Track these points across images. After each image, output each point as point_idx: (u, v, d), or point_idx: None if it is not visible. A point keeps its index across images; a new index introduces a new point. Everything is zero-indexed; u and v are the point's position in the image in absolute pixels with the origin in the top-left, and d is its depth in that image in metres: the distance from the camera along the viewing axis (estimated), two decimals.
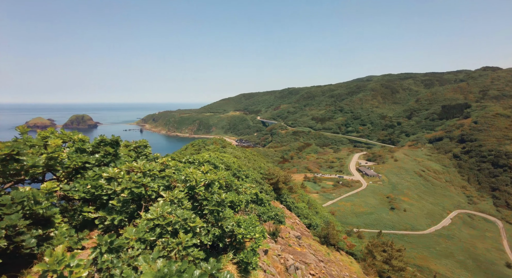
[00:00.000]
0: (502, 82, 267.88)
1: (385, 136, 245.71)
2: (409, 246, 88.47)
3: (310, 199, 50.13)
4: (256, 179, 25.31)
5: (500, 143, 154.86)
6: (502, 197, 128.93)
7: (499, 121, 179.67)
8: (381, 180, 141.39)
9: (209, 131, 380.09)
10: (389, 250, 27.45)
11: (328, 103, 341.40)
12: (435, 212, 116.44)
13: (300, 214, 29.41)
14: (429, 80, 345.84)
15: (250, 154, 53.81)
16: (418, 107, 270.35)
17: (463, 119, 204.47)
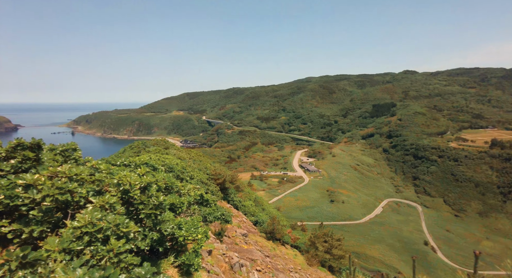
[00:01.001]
0: (419, 84, 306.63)
1: (324, 134, 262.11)
2: (347, 235, 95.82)
3: (257, 196, 51.06)
4: (202, 180, 24.91)
5: (419, 138, 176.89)
6: (421, 184, 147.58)
7: (417, 118, 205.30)
8: (321, 175, 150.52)
9: (151, 132, 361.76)
10: (330, 240, 29.42)
11: (272, 103, 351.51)
12: (369, 202, 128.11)
13: (247, 212, 29.80)
14: (361, 82, 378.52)
15: (195, 155, 52.67)
16: (352, 106, 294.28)
17: (390, 117, 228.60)
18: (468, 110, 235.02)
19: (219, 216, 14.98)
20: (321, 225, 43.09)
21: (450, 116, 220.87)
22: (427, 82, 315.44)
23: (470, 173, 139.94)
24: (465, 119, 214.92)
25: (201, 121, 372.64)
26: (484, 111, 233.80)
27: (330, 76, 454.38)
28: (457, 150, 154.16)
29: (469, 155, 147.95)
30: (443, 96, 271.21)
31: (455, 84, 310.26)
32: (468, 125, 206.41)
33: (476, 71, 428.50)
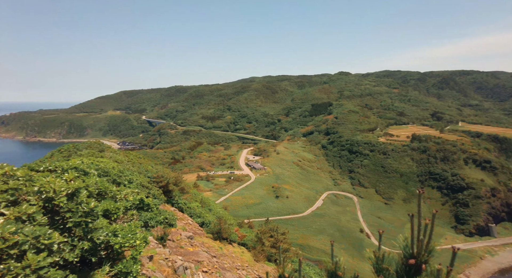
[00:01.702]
0: (352, 85, 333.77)
1: (269, 133, 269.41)
2: (291, 228, 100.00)
3: (203, 197, 50.22)
4: (142, 183, 23.62)
5: (353, 134, 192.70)
6: (356, 177, 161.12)
7: (351, 116, 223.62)
8: (266, 172, 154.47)
9: (84, 134, 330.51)
10: (275, 234, 30.43)
11: (217, 102, 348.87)
12: (311, 196, 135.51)
13: (193, 214, 29.15)
14: (301, 82, 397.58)
15: (135, 157, 49.70)
16: (293, 106, 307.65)
17: (327, 115, 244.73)
18: (393, 108, 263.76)
19: (162, 220, 14.39)
20: (267, 221, 44.23)
21: (379, 114, 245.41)
22: (359, 83, 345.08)
23: (396, 165, 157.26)
24: (391, 117, 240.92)
25: (141, 121, 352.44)
26: (405, 109, 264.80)
27: (272, 77, 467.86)
28: (385, 144, 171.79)
29: (395, 148, 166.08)
30: (373, 96, 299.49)
31: (382, 85, 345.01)
32: (393, 122, 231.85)
33: (398, 74, 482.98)
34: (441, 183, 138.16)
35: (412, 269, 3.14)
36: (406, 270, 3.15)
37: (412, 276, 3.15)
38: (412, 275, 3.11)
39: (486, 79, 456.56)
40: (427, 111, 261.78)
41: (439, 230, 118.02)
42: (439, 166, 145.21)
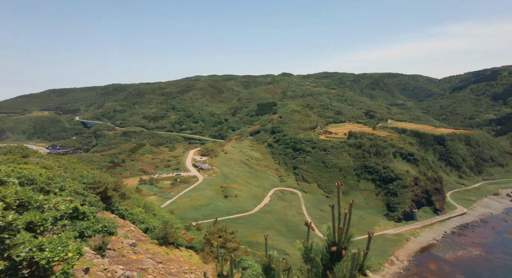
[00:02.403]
0: (294, 86, 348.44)
1: (216, 132, 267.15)
2: (241, 226, 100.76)
3: (147, 202, 47.76)
4: (77, 190, 21.51)
5: (296, 132, 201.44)
6: (299, 173, 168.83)
7: (294, 115, 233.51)
8: (215, 172, 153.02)
9: (2, 138, 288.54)
10: (224, 234, 30.33)
11: (160, 101, 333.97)
12: (259, 193, 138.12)
13: (136, 220, 27.53)
14: (246, 82, 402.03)
15: (67, 162, 45.08)
16: (240, 105, 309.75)
17: (273, 115, 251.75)
18: (331, 108, 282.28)
19: (100, 228, 13.32)
20: (216, 222, 43.85)
21: (319, 113, 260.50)
22: (300, 83, 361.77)
23: (335, 160, 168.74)
24: (330, 116, 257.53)
25: (74, 122, 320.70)
26: (342, 108, 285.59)
27: (218, 76, 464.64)
28: (325, 142, 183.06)
29: (334, 145, 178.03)
30: (313, 96, 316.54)
31: (322, 86, 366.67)
32: (332, 120, 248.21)
33: (335, 75, 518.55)
34: (375, 175, 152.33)
35: (334, 255, 3.45)
36: (330, 257, 3.46)
37: (334, 262, 3.39)
38: (334, 261, 3.40)
39: (408, 82, 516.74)
40: (361, 110, 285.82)
41: (374, 218, 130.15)
42: (373, 160, 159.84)
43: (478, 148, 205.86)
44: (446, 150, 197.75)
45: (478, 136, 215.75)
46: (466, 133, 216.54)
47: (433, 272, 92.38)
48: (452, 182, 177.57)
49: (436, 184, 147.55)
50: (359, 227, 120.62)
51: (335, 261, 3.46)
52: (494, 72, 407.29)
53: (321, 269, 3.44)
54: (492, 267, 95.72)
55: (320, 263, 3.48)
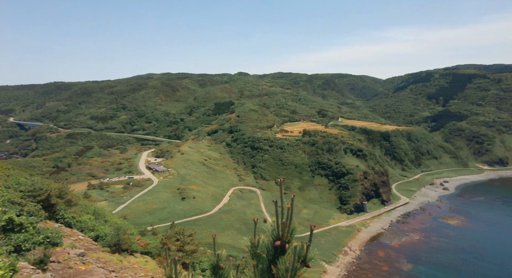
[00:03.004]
0: (251, 85, 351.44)
1: (171, 132, 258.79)
2: (199, 228, 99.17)
3: (96, 208, 44.76)
4: (12, 200, 19.37)
5: (254, 131, 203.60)
6: (258, 171, 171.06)
7: (252, 115, 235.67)
8: (171, 174, 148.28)
9: None
10: (182, 237, 29.60)
11: (109, 101, 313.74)
12: (218, 193, 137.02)
13: (85, 228, 25.64)
14: (203, 81, 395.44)
15: (0, 168, 40.47)
16: (196, 104, 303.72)
17: (230, 114, 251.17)
18: (287, 107, 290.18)
19: (41, 240, 12.21)
20: (173, 225, 42.59)
21: (275, 112, 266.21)
22: (257, 83, 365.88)
23: (292, 157, 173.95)
24: (285, 115, 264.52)
25: (8, 124, 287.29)
26: (297, 108, 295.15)
27: (172, 74, 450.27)
28: (282, 140, 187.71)
29: (290, 143, 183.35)
30: (269, 96, 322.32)
31: (277, 86, 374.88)
32: (288, 119, 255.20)
33: (290, 75, 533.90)
34: (328, 171, 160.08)
35: (278, 250, 3.64)
36: (274, 251, 3.65)
37: (278, 256, 3.57)
38: (278, 255, 3.59)
39: (357, 82, 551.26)
40: (314, 109, 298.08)
41: (328, 212, 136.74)
42: (326, 156, 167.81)
43: (417, 142, 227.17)
44: (391, 145, 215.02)
45: (417, 132, 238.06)
46: (407, 130, 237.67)
47: (382, 259, 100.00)
48: (397, 175, 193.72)
49: (383, 177, 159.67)
50: (314, 221, 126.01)
51: (279, 255, 3.62)
52: (428, 74, 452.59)
53: (267, 264, 3.58)
54: (428, 249, 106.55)
55: (265, 258, 3.63)
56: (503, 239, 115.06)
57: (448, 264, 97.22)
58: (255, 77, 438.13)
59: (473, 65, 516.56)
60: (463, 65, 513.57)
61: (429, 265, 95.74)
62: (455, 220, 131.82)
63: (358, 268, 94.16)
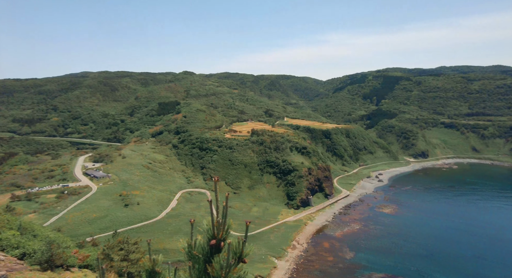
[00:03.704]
0: (197, 85, 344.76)
1: (111, 135, 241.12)
2: (145, 235, 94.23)
3: (22, 222, 39.65)
4: None
5: (202, 132, 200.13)
6: (207, 172, 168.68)
7: (199, 115, 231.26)
8: (111, 179, 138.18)
9: None
10: (126, 246, 27.81)
11: (36, 101, 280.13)
12: (164, 198, 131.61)
13: (7, 246, 22.54)
14: (145, 80, 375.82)
15: None
16: (138, 104, 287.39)
17: (176, 114, 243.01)
18: (235, 107, 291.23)
19: None
20: (115, 233, 39.79)
21: (224, 112, 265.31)
22: (203, 83, 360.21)
23: (241, 157, 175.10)
24: (233, 115, 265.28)
25: None
26: (245, 108, 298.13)
27: (110, 72, 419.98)
28: (231, 140, 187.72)
29: (239, 143, 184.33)
30: (217, 96, 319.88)
31: (224, 86, 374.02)
32: (236, 119, 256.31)
33: (237, 76, 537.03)
34: (276, 169, 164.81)
35: (213, 248, 3.70)
36: (210, 251, 3.70)
37: (214, 255, 3.66)
38: (214, 254, 3.66)
39: (300, 83, 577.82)
40: (261, 109, 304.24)
41: (277, 208, 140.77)
42: (273, 154, 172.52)
43: (355, 139, 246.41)
44: (332, 142, 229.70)
45: (355, 130, 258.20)
46: (346, 128, 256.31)
47: (327, 250, 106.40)
48: (338, 170, 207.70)
49: (325, 172, 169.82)
50: (264, 218, 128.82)
51: (215, 254, 3.66)
52: (363, 76, 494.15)
53: (203, 264, 3.59)
54: (367, 236, 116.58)
55: (201, 258, 3.64)
56: (425, 222, 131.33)
57: (383, 248, 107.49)
58: (202, 76, 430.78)
59: (399, 68, 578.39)
60: (391, 68, 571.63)
61: (368, 251, 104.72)
62: (389, 208, 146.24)
63: (306, 261, 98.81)
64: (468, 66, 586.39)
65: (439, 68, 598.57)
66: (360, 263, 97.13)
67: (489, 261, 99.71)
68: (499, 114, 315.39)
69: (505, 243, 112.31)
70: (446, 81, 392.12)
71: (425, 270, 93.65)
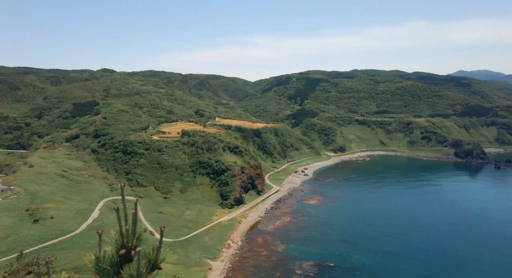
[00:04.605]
0: (119, 83, 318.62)
1: (12, 141, 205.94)
2: (63, 252, 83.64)
3: None
4: None
5: (126, 134, 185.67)
6: (133, 178, 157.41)
7: (122, 116, 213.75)
8: (15, 193, 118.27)
9: None
10: (36, 268, 24.27)
11: None
12: (84, 208, 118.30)
13: None
14: (55, 77, 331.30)
15: None
16: (48, 105, 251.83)
17: (95, 115, 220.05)
18: (162, 107, 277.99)
19: None
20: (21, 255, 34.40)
21: (150, 113, 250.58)
22: (125, 81, 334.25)
23: (171, 160, 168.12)
24: (161, 115, 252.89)
25: None
26: (173, 108, 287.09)
27: (8, 68, 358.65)
28: (159, 142, 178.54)
29: (168, 145, 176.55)
30: (141, 95, 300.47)
31: (150, 85, 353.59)
32: (164, 120, 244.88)
33: (163, 74, 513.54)
34: (209, 170, 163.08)
35: (123, 259, 3.57)
36: (119, 261, 3.55)
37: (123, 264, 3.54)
38: (124, 264, 3.53)
39: (229, 83, 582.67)
40: (191, 109, 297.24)
41: (211, 210, 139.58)
42: (206, 155, 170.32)
43: (283, 137, 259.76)
44: (262, 141, 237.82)
45: (282, 128, 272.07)
46: (274, 127, 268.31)
47: (260, 245, 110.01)
48: (268, 167, 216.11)
49: (257, 170, 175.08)
50: (198, 220, 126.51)
51: (126, 264, 3.51)
52: (288, 78, 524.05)
53: (112, 277, 3.45)
54: (296, 228, 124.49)
55: (110, 271, 3.49)
56: (345, 209, 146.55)
57: (311, 237, 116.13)
58: (123, 74, 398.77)
59: (319, 71, 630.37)
60: (312, 70, 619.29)
61: (298, 242, 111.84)
62: (314, 200, 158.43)
63: (241, 258, 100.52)
64: (375, 70, 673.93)
65: (352, 71, 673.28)
66: (292, 254, 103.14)
67: (396, 239, 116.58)
68: (399, 112, 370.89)
69: (407, 223, 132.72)
70: (358, 83, 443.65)
71: (347, 253, 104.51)
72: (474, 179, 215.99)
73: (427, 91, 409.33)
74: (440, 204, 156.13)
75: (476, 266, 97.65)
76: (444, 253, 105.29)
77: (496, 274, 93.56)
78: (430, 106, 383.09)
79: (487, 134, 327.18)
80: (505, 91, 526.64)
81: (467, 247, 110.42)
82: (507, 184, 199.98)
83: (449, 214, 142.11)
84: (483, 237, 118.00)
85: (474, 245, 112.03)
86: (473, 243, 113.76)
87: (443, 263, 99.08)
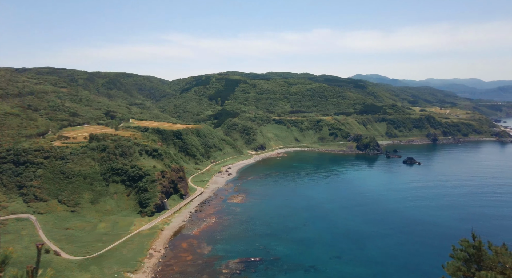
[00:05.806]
0: (4, 81, 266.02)
1: None
2: None
3: None
4: None
5: (17, 141, 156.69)
6: (29, 192, 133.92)
7: (10, 120, 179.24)
8: None
9: None
10: None
11: None
12: None
13: None
14: None
15: None
16: None
17: None
18: (64, 109, 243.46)
19: None
20: None
21: (48, 116, 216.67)
22: (13, 79, 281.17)
23: (78, 168, 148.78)
24: (63, 118, 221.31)
25: None
26: (78, 109, 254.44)
27: None
28: (62, 148, 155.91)
29: (73, 151, 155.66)
30: (36, 95, 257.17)
31: (47, 83, 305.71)
32: (67, 123, 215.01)
33: (64, 72, 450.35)
34: (124, 176, 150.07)
35: None
36: None
37: None
38: None
39: (144, 82, 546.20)
40: (100, 111, 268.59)
41: (128, 220, 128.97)
42: (120, 161, 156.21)
43: (205, 138, 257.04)
44: (183, 142, 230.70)
45: (204, 129, 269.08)
46: (196, 127, 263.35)
47: (185, 250, 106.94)
48: (191, 169, 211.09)
49: (179, 173, 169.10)
50: (114, 233, 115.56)
51: None
52: (207, 78, 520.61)
53: None
54: (222, 227, 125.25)
55: None
56: (266, 204, 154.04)
57: (236, 235, 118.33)
58: (10, 71, 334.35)
59: (238, 72, 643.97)
60: (231, 71, 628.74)
61: (224, 242, 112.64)
62: (239, 198, 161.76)
63: (165, 266, 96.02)
64: (288, 72, 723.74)
65: (268, 73, 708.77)
66: (218, 255, 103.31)
67: (312, 227, 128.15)
68: (310, 111, 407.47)
69: (320, 211, 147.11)
70: (274, 84, 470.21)
71: (270, 245, 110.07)
72: (371, 167, 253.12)
73: (333, 92, 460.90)
74: (346, 191, 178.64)
75: (374, 241, 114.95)
76: (350, 234, 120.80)
77: (389, 243, 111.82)
78: (335, 106, 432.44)
79: (380, 129, 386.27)
80: (390, 92, 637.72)
81: (367, 225, 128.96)
82: (394, 169, 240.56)
83: (354, 199, 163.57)
84: (379, 216, 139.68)
85: (372, 223, 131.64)
86: (372, 221, 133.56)
87: (350, 243, 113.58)
